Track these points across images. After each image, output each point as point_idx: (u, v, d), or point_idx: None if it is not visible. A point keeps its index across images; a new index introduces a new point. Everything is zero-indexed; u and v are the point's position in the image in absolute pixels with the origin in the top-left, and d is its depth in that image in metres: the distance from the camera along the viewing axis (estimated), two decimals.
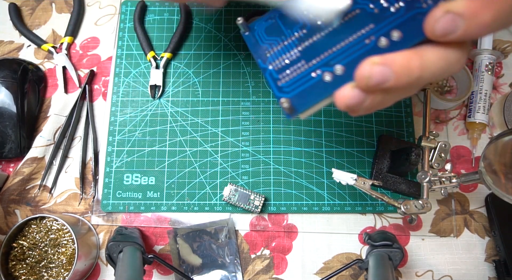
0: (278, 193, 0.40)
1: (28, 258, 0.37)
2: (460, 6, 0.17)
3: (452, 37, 0.18)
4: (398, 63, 0.18)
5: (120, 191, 0.41)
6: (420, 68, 0.19)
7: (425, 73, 0.19)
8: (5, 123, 0.41)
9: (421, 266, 0.39)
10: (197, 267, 0.39)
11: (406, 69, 0.18)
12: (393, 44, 0.20)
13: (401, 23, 0.20)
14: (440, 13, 0.18)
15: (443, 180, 0.35)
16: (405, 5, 0.21)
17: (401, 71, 0.18)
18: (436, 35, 0.18)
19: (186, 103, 0.43)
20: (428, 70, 0.19)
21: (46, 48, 0.45)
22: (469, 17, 0.17)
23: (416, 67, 0.18)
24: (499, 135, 0.31)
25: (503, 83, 0.44)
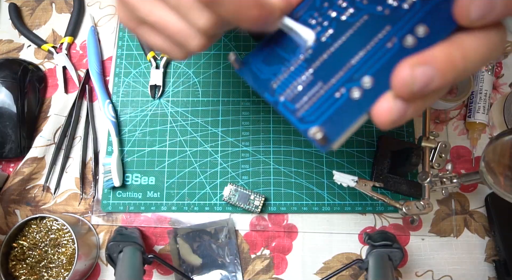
0: (278, 193, 0.40)
1: (28, 258, 0.37)
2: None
3: (490, 18, 0.16)
4: (440, 59, 0.16)
5: (120, 191, 0.41)
6: (463, 59, 0.16)
7: (470, 63, 0.17)
8: (5, 123, 0.41)
9: (421, 266, 0.39)
10: (197, 267, 0.39)
11: (450, 63, 0.16)
12: (421, 41, 0.18)
13: (423, 17, 0.18)
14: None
15: (443, 180, 0.35)
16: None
17: (446, 67, 0.16)
18: (472, 19, 0.16)
19: (186, 103, 0.43)
20: (472, 59, 0.17)
21: (46, 48, 0.45)
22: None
23: (460, 59, 0.16)
24: (499, 135, 0.31)
25: (503, 83, 0.44)
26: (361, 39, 0.19)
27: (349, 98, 0.19)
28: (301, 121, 0.20)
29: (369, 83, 0.18)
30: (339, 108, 0.19)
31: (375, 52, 0.19)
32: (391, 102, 0.17)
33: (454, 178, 0.35)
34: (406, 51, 0.18)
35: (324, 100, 0.20)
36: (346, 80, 0.19)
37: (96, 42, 0.45)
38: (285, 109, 0.21)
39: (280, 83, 0.21)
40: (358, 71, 0.19)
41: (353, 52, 0.19)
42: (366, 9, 0.20)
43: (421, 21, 0.18)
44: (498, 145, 0.32)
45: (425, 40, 0.18)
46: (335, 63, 0.20)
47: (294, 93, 0.21)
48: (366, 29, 0.19)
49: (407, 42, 0.18)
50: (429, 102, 0.19)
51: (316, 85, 0.20)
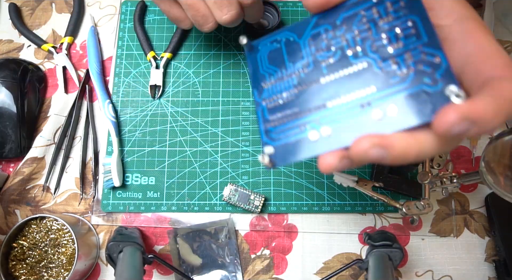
0: (278, 193, 0.40)
1: (28, 258, 0.37)
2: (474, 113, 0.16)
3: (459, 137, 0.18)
4: (397, 149, 0.18)
5: (120, 191, 0.41)
6: (416, 155, 0.18)
7: (420, 157, 0.18)
8: (5, 124, 0.41)
9: (421, 266, 0.39)
10: (197, 267, 0.39)
11: (403, 155, 0.18)
12: (386, 119, 0.19)
13: (401, 98, 0.19)
14: (456, 119, 0.16)
15: (443, 180, 0.35)
16: (413, 74, 0.19)
17: (398, 156, 0.18)
18: (448, 135, 0.17)
19: (186, 103, 0.43)
20: (424, 155, 0.18)
21: (46, 48, 0.45)
22: (482, 125, 0.16)
23: (414, 154, 0.18)
24: (499, 135, 0.31)
25: None
26: (347, 86, 0.20)
27: (307, 137, 0.20)
28: (266, 134, 0.22)
29: (326, 134, 0.20)
30: (297, 141, 0.20)
31: (348, 107, 0.20)
32: (337, 160, 0.19)
33: (454, 178, 0.35)
34: (369, 121, 0.19)
35: (289, 127, 0.21)
36: (313, 120, 0.20)
37: (96, 42, 0.45)
38: (260, 115, 0.22)
39: (269, 87, 0.22)
40: (325, 117, 0.20)
41: (334, 95, 0.20)
42: (370, 57, 0.20)
43: (398, 102, 0.19)
44: (498, 145, 0.32)
45: (389, 120, 0.19)
46: (316, 96, 0.21)
47: (273, 105, 0.22)
48: (357, 78, 0.20)
49: (374, 115, 0.19)
50: None
51: (292, 108, 0.21)
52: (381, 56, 0.20)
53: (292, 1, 0.46)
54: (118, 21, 0.46)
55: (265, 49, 0.23)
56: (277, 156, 0.21)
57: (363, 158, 0.18)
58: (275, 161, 0.21)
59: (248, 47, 0.24)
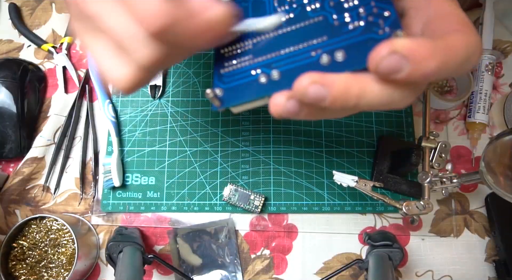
0: (278, 193, 0.40)
1: (28, 258, 0.37)
2: (406, 48, 0.17)
3: (396, 77, 0.17)
4: (336, 87, 0.18)
5: (120, 191, 0.41)
6: (357, 97, 0.18)
7: (362, 103, 0.18)
8: (5, 124, 0.41)
9: (421, 266, 0.39)
10: (197, 267, 0.39)
11: (343, 95, 0.18)
12: (334, 64, 0.20)
13: (351, 44, 0.20)
14: (386, 51, 0.17)
15: (444, 180, 0.35)
16: (364, 25, 0.20)
17: (338, 96, 0.18)
18: (380, 73, 0.17)
19: (186, 103, 0.43)
20: (366, 101, 0.18)
21: (46, 48, 0.45)
22: (415, 62, 0.17)
23: (354, 95, 0.18)
24: (499, 135, 0.31)
25: (503, 83, 0.44)
26: (302, 36, 0.21)
27: (257, 80, 0.21)
28: (219, 79, 0.23)
29: (275, 77, 0.21)
30: (246, 83, 0.22)
31: (299, 54, 0.21)
32: (284, 100, 0.19)
33: (454, 178, 0.35)
34: (317, 66, 0.20)
35: (243, 71, 0.22)
36: (265, 64, 0.22)
37: None
38: (216, 61, 0.23)
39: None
40: (276, 62, 0.21)
41: (288, 44, 0.22)
42: (326, 12, 0.21)
43: (347, 47, 0.20)
44: (498, 145, 0.32)
45: (337, 65, 0.19)
46: (271, 45, 0.22)
47: (231, 53, 0.23)
48: (311, 29, 0.21)
49: (322, 60, 0.20)
50: (325, 115, 0.21)
51: (247, 55, 0.22)
52: (336, 11, 0.21)
53: None
54: None
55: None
56: (226, 97, 0.22)
57: (303, 95, 0.18)
58: (222, 100, 0.22)
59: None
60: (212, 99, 0.22)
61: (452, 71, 0.18)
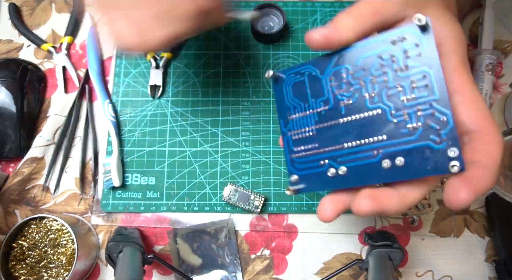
0: (278, 193, 0.40)
1: (27, 258, 0.37)
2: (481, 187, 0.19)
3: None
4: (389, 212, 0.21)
5: (120, 191, 0.41)
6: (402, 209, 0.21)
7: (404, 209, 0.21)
8: (5, 124, 0.41)
9: (421, 266, 0.39)
10: (197, 267, 0.39)
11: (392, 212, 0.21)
12: (393, 168, 0.21)
13: (409, 150, 0.21)
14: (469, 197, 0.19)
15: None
16: (422, 129, 0.20)
17: (389, 212, 0.21)
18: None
19: (186, 103, 0.43)
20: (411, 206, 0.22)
21: (46, 48, 0.45)
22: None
23: (403, 210, 0.21)
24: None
25: (503, 83, 0.44)
26: (362, 130, 0.22)
27: (326, 172, 0.23)
28: (291, 163, 0.25)
29: (342, 172, 0.22)
30: (317, 174, 0.24)
31: (362, 151, 0.22)
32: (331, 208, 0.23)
33: None
34: (379, 168, 0.21)
35: (311, 160, 0.24)
36: (332, 157, 0.23)
37: (95, 42, 0.45)
38: (286, 145, 0.25)
39: (294, 119, 0.25)
40: (342, 157, 0.23)
41: (350, 137, 0.22)
42: (384, 105, 0.22)
43: (405, 153, 0.21)
44: None
45: (396, 170, 0.21)
46: (334, 136, 0.23)
47: (298, 137, 0.25)
48: (371, 124, 0.22)
49: (383, 164, 0.21)
50: None
51: (313, 143, 0.24)
52: (394, 107, 0.21)
53: (292, 1, 0.46)
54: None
55: (290, 80, 0.25)
56: (301, 184, 0.24)
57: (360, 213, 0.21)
58: (300, 189, 0.24)
59: (274, 78, 0.25)
60: (295, 191, 0.25)
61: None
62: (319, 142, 0.24)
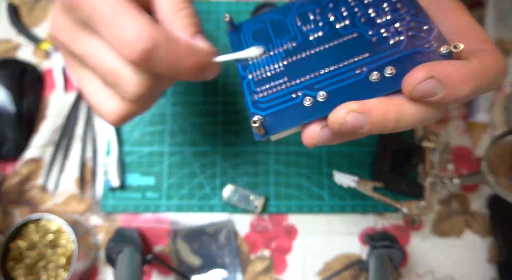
0: (278, 193, 0.40)
1: (26, 258, 0.37)
2: (442, 73, 0.17)
3: (428, 100, 0.18)
4: (375, 113, 0.18)
5: (119, 191, 0.40)
6: (396, 121, 0.18)
7: (400, 125, 0.19)
8: (3, 124, 0.41)
9: (422, 266, 0.39)
10: (197, 268, 0.39)
11: (382, 120, 0.18)
12: (384, 80, 0.19)
13: (398, 59, 0.19)
14: (423, 75, 0.17)
15: (444, 181, 0.35)
16: (405, 39, 0.19)
17: (377, 122, 0.18)
18: (413, 96, 0.18)
19: (185, 103, 0.43)
20: (403, 123, 0.18)
21: (44, 48, 0.45)
22: (449, 87, 0.17)
23: (393, 119, 0.18)
24: (501, 135, 0.31)
25: (504, 82, 0.44)
26: (339, 54, 0.20)
27: (301, 103, 0.20)
28: (254, 104, 0.21)
29: (322, 98, 0.19)
30: (289, 107, 0.20)
31: (343, 73, 0.20)
32: (319, 130, 0.19)
33: (455, 178, 0.35)
34: (366, 83, 0.19)
35: (280, 95, 0.21)
36: (306, 86, 0.20)
37: None
38: (247, 87, 0.22)
39: (255, 61, 0.22)
40: (320, 83, 0.20)
41: (326, 62, 0.20)
42: (360, 28, 0.21)
43: (393, 62, 0.19)
44: (499, 145, 0.31)
45: (387, 80, 0.19)
46: (307, 65, 0.21)
47: (261, 77, 0.22)
48: (349, 47, 0.20)
49: (372, 76, 0.19)
50: (358, 136, 0.21)
51: (282, 78, 0.21)
52: (370, 27, 0.20)
53: None
54: None
55: (248, 29, 0.23)
56: (268, 124, 0.20)
57: (341, 126, 0.18)
58: (266, 129, 0.20)
59: (230, 26, 0.24)
60: (257, 128, 0.20)
61: (482, 93, 0.18)
62: (288, 76, 0.21)
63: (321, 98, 0.19)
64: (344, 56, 0.20)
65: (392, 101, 0.18)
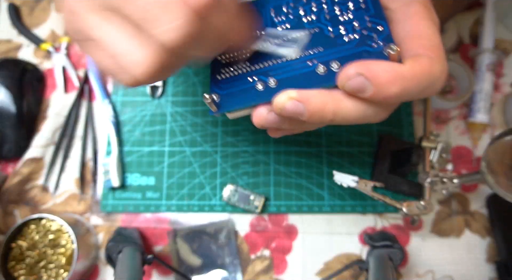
0: (278, 193, 0.40)
1: (27, 258, 0.37)
2: (370, 71, 0.18)
3: (361, 96, 0.19)
4: (312, 104, 0.19)
5: (119, 191, 0.40)
6: (333, 114, 0.19)
7: (338, 118, 0.19)
8: (4, 124, 0.41)
9: (422, 266, 0.39)
10: (197, 268, 0.39)
11: (319, 111, 0.19)
12: (330, 74, 0.20)
13: (346, 56, 0.20)
14: (353, 72, 0.18)
15: (444, 180, 0.35)
16: (359, 38, 0.21)
17: (314, 112, 0.19)
18: (346, 90, 0.19)
19: (185, 103, 0.43)
20: (341, 117, 0.19)
21: (45, 48, 0.45)
22: (377, 85, 0.18)
23: (330, 112, 0.19)
24: (500, 135, 0.31)
25: (504, 83, 0.44)
26: None
27: (254, 87, 0.22)
28: (215, 84, 0.23)
29: (272, 84, 0.21)
30: (243, 89, 0.22)
31: (296, 63, 0.22)
32: (266, 112, 0.21)
33: (455, 178, 0.35)
34: (314, 75, 0.21)
35: (240, 78, 0.23)
36: (262, 72, 0.22)
37: None
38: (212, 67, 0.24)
39: None
40: (273, 70, 0.22)
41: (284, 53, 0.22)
42: (322, 24, 0.22)
43: (342, 58, 0.20)
44: (499, 145, 0.31)
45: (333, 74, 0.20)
46: (267, 54, 0.23)
47: (228, 60, 0.24)
48: (309, 40, 0.22)
49: (318, 69, 0.21)
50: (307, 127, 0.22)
51: (244, 63, 0.23)
52: (332, 24, 0.22)
53: None
54: None
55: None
56: (222, 102, 0.23)
57: (281, 111, 0.19)
58: (218, 105, 0.23)
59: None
60: (209, 104, 0.22)
61: (413, 96, 0.19)
62: (251, 62, 0.23)
63: (272, 84, 0.21)
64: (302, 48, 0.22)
65: (331, 94, 0.19)
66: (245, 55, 0.23)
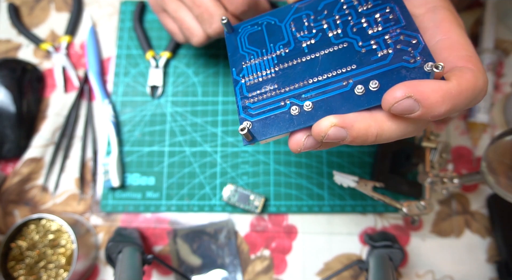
0: (278, 193, 0.40)
1: (27, 258, 0.37)
2: (420, 93, 0.17)
3: (407, 116, 0.18)
4: (356, 129, 0.18)
5: (119, 191, 0.40)
6: (376, 136, 0.19)
7: (381, 139, 0.19)
8: (4, 124, 0.41)
9: (422, 266, 0.39)
10: (197, 268, 0.39)
11: (363, 135, 0.19)
12: (368, 94, 0.19)
13: (383, 73, 0.19)
14: (401, 95, 0.18)
15: (444, 180, 0.35)
16: (393, 52, 0.20)
17: (358, 136, 0.19)
18: (392, 112, 0.18)
19: (185, 103, 0.43)
20: (384, 137, 0.19)
21: (45, 48, 0.45)
22: (427, 107, 0.18)
23: (373, 135, 0.19)
24: (500, 135, 0.31)
25: (504, 82, 0.44)
26: (328, 64, 0.21)
27: (288, 112, 0.20)
28: (244, 110, 0.22)
29: (308, 108, 0.20)
30: (277, 115, 0.21)
31: (330, 83, 0.20)
32: (304, 137, 0.20)
33: (455, 178, 0.35)
34: (351, 95, 0.19)
35: (270, 102, 0.21)
36: (295, 94, 0.21)
37: (95, 41, 0.45)
38: (239, 92, 0.22)
39: (249, 66, 0.23)
40: (308, 92, 0.20)
41: (315, 72, 0.21)
42: (351, 38, 0.21)
43: (378, 76, 0.19)
44: (499, 145, 0.31)
45: (371, 94, 0.19)
46: (297, 73, 0.21)
47: (253, 82, 0.22)
48: (338, 57, 0.21)
49: (357, 89, 0.19)
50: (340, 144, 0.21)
51: (272, 84, 0.22)
52: (361, 38, 0.21)
53: None
54: (118, 20, 0.46)
55: (245, 31, 0.24)
56: (256, 130, 0.21)
57: (323, 138, 0.19)
58: (254, 135, 0.21)
59: (227, 28, 0.24)
60: (245, 135, 0.20)
61: (460, 111, 0.19)
62: (278, 83, 0.21)
63: (307, 108, 0.20)
64: (333, 67, 0.21)
65: (373, 117, 0.19)
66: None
